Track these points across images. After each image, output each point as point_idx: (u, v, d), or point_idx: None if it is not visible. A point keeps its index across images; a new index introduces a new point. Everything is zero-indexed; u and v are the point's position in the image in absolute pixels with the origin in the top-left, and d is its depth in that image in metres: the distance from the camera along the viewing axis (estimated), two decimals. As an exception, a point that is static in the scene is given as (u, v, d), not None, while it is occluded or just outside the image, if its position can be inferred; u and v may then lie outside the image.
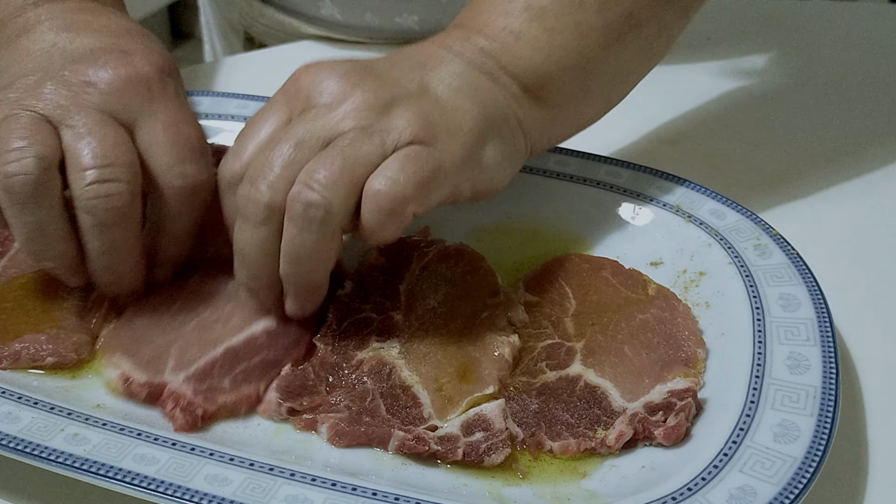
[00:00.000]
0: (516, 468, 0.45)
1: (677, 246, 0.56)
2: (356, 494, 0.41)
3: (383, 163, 0.46)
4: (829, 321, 0.49)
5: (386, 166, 0.45)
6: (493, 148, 0.50)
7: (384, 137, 0.46)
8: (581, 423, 0.46)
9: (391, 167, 0.45)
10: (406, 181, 0.45)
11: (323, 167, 0.44)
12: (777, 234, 0.54)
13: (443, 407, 0.47)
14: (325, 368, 0.48)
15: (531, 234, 0.59)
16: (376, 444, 0.46)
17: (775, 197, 0.65)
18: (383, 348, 0.50)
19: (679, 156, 0.69)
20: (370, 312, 0.51)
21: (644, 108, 0.75)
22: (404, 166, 0.45)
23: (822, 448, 0.42)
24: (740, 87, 0.79)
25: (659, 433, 0.45)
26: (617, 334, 0.51)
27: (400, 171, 0.45)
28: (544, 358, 0.50)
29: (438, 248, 0.56)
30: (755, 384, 0.46)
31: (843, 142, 0.72)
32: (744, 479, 0.41)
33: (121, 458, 0.42)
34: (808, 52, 0.84)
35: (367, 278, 0.53)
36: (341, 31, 0.84)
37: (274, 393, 0.47)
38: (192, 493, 0.41)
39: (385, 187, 0.45)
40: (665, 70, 0.80)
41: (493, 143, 0.50)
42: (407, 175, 0.45)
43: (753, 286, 0.51)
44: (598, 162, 0.61)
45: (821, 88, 0.79)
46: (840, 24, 0.89)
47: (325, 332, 0.50)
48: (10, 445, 0.43)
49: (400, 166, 0.45)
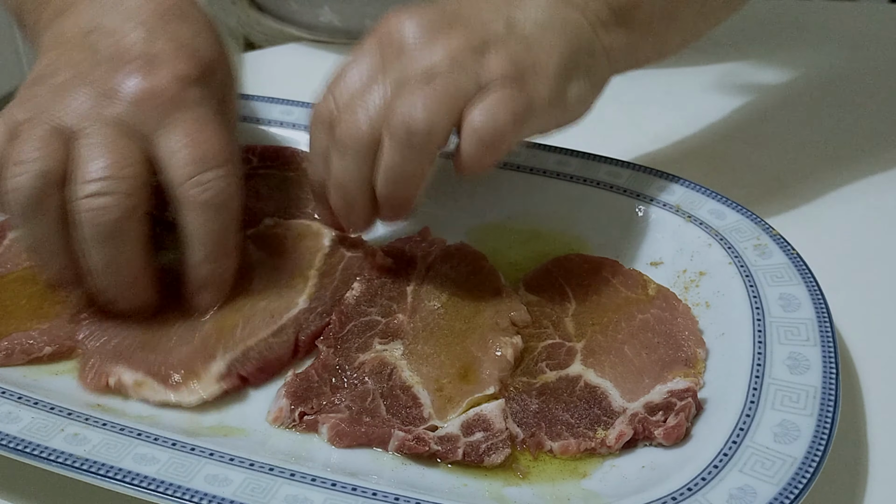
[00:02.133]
0: (516, 468, 0.45)
1: (677, 246, 0.56)
2: (356, 494, 0.41)
3: (481, 98, 0.48)
4: (829, 321, 0.48)
5: (484, 101, 0.48)
6: (578, 83, 0.51)
7: (478, 76, 0.48)
8: (581, 423, 0.46)
9: (489, 102, 0.48)
10: (503, 117, 0.48)
11: (424, 95, 0.47)
12: (777, 234, 0.54)
13: (443, 407, 0.47)
14: (328, 370, 0.48)
15: (531, 234, 0.59)
16: (376, 444, 0.46)
17: (775, 197, 0.65)
18: (387, 350, 0.50)
19: (679, 156, 0.69)
20: (376, 315, 0.51)
21: (644, 108, 0.75)
22: (501, 102, 0.48)
23: (822, 448, 0.42)
24: (740, 87, 0.79)
25: (659, 433, 0.45)
26: (617, 334, 0.51)
27: (498, 107, 0.48)
28: (544, 358, 0.50)
29: (441, 248, 0.56)
30: (755, 384, 0.46)
31: (843, 142, 0.72)
32: (744, 479, 0.41)
33: (121, 458, 0.42)
34: (808, 52, 0.84)
35: (374, 280, 0.53)
36: (340, 37, 0.84)
37: (284, 400, 0.47)
38: (192, 493, 0.41)
39: (485, 121, 0.47)
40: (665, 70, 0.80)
41: (579, 78, 0.51)
42: (504, 111, 0.48)
43: (753, 286, 0.51)
44: (598, 162, 0.61)
45: (821, 88, 0.79)
46: (840, 24, 0.89)
47: (328, 335, 0.50)
48: (10, 445, 0.43)
49: (497, 102, 0.48)
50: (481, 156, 0.48)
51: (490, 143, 0.48)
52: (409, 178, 0.49)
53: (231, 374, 0.48)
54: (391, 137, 0.48)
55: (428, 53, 0.49)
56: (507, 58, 0.49)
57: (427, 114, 0.47)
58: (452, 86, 0.48)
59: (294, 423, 0.47)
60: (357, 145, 0.49)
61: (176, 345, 0.49)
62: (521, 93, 0.48)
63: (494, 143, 0.48)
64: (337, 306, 0.52)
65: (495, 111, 0.48)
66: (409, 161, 0.48)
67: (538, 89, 0.49)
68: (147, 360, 0.48)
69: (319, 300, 0.52)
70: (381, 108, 0.48)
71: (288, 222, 0.58)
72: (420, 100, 0.47)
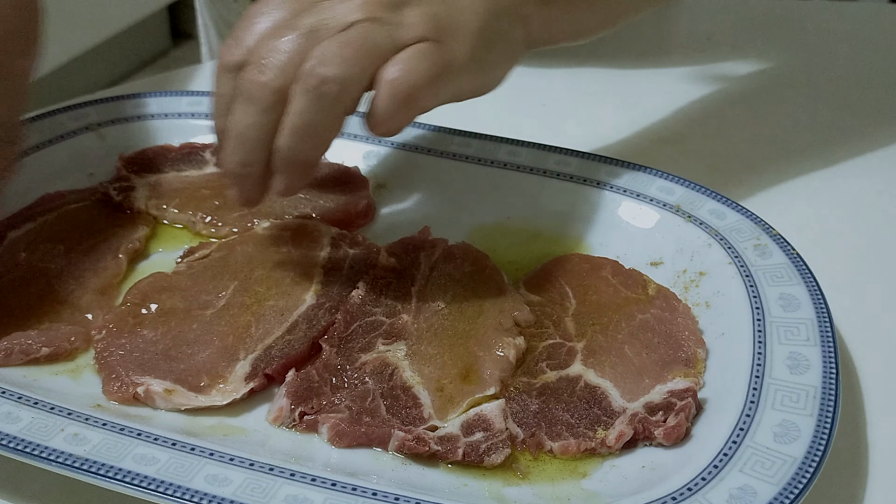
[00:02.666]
0: (516, 468, 0.45)
1: (677, 246, 0.56)
2: (356, 494, 0.41)
3: (397, 54, 0.46)
4: (829, 321, 0.48)
5: (400, 57, 0.46)
6: (496, 49, 0.50)
7: (395, 31, 0.46)
8: (581, 423, 0.46)
9: (405, 58, 0.46)
10: (421, 73, 0.46)
11: (338, 46, 0.45)
12: (777, 234, 0.54)
13: (443, 407, 0.47)
14: (329, 370, 0.48)
15: (531, 234, 0.59)
16: (376, 444, 0.46)
17: (775, 197, 0.65)
18: (389, 350, 0.50)
19: (679, 156, 0.69)
20: (380, 315, 0.51)
21: (644, 108, 0.75)
22: (419, 58, 0.46)
23: (822, 448, 0.42)
24: (740, 87, 0.79)
25: (659, 433, 0.45)
26: (617, 334, 0.51)
27: (415, 62, 0.46)
28: (545, 358, 0.50)
29: (443, 249, 0.56)
30: (755, 384, 0.46)
31: (843, 142, 0.72)
32: (744, 479, 0.41)
33: (121, 458, 0.42)
34: (808, 52, 0.84)
35: (378, 280, 0.53)
36: None
37: (284, 399, 0.47)
38: (192, 493, 0.41)
39: (401, 75, 0.46)
40: (665, 70, 0.80)
41: (497, 44, 0.50)
42: (422, 67, 0.46)
43: (753, 286, 0.51)
44: (598, 162, 0.61)
45: (821, 88, 0.79)
46: (840, 24, 0.89)
47: (332, 335, 0.50)
48: (10, 445, 0.43)
49: (414, 57, 0.46)
50: (395, 112, 0.46)
51: (405, 99, 0.46)
52: (317, 133, 0.46)
53: (257, 373, 0.48)
54: (302, 87, 0.45)
55: (345, 3, 0.47)
56: (427, 14, 0.47)
57: (342, 64, 0.45)
58: (370, 38, 0.46)
59: (294, 422, 0.47)
60: (263, 92, 0.46)
61: (196, 350, 0.49)
62: (440, 50, 0.47)
63: (409, 100, 0.46)
64: (343, 305, 0.52)
65: (412, 66, 0.46)
66: (319, 113, 0.46)
67: (457, 49, 0.48)
68: (172, 368, 0.48)
69: (327, 296, 0.53)
70: (292, 55, 0.46)
71: (287, 222, 0.58)
72: (335, 49, 0.45)
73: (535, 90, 0.78)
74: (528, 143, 0.63)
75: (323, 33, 0.46)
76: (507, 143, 0.63)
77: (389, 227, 0.59)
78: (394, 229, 0.59)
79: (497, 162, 0.62)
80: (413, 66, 0.46)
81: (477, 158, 0.62)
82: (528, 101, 0.77)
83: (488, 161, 0.62)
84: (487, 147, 0.63)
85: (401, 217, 0.61)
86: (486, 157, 0.62)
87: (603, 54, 0.83)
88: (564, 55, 0.82)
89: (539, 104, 0.76)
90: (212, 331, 0.51)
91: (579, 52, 0.82)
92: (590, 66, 0.81)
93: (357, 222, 0.60)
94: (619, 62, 0.82)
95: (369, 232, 0.59)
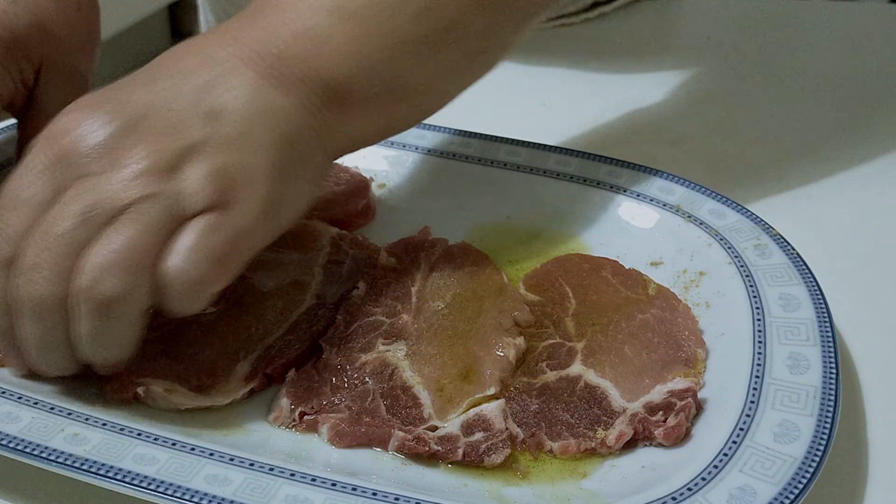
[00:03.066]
0: (516, 468, 0.45)
1: (677, 246, 0.56)
2: (356, 494, 0.41)
3: (178, 240, 0.42)
4: (829, 321, 0.48)
5: (181, 245, 0.42)
6: (296, 180, 0.47)
7: (176, 206, 0.42)
8: (581, 423, 0.46)
9: (186, 247, 0.42)
10: (203, 262, 0.42)
11: (114, 254, 0.41)
12: (777, 234, 0.54)
13: (443, 407, 0.47)
14: (328, 370, 0.48)
15: (531, 233, 0.59)
16: (376, 444, 0.46)
17: (775, 197, 0.65)
18: (389, 350, 0.50)
19: (679, 156, 0.69)
20: (381, 315, 0.51)
21: (644, 108, 0.75)
22: (200, 244, 0.42)
23: (822, 448, 0.42)
24: (740, 87, 0.79)
25: (659, 433, 0.45)
26: (617, 334, 0.51)
27: (196, 251, 0.42)
28: (545, 358, 0.50)
29: (443, 248, 0.56)
30: (755, 384, 0.46)
31: (843, 142, 0.72)
32: (744, 479, 0.41)
33: (121, 458, 0.42)
34: (808, 52, 0.84)
35: (378, 280, 0.53)
36: None
37: (284, 399, 0.47)
38: (192, 493, 0.41)
39: (181, 272, 0.42)
40: (665, 70, 0.80)
41: (296, 173, 0.46)
42: (203, 254, 0.42)
43: (753, 286, 0.51)
44: (598, 162, 0.61)
45: (821, 88, 0.79)
46: (840, 24, 0.89)
47: (332, 335, 0.50)
48: (10, 445, 0.43)
49: (195, 244, 0.42)
50: (184, 306, 0.43)
51: (189, 295, 0.43)
52: (117, 340, 0.43)
53: (257, 373, 0.48)
54: (85, 308, 0.41)
55: (112, 180, 0.42)
56: (211, 172, 0.43)
57: (121, 275, 0.41)
58: (142, 235, 0.41)
59: (294, 422, 0.47)
60: (42, 308, 0.42)
61: (196, 350, 0.49)
62: (227, 222, 0.43)
63: (194, 295, 0.43)
64: (343, 305, 0.52)
65: (192, 257, 0.42)
66: (110, 327, 0.42)
67: (250, 205, 0.44)
68: (172, 368, 0.48)
69: (327, 296, 0.53)
70: (65, 258, 0.41)
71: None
72: (112, 258, 0.41)
73: (535, 90, 0.78)
74: (528, 143, 0.63)
75: (96, 219, 0.41)
76: (507, 143, 0.63)
77: (389, 227, 0.59)
78: (394, 229, 0.59)
79: (497, 162, 0.62)
80: (193, 255, 0.42)
81: (477, 158, 0.62)
82: (528, 101, 0.77)
83: (488, 161, 0.62)
84: (487, 147, 0.63)
85: (401, 217, 0.61)
86: (486, 157, 0.62)
87: (603, 54, 0.83)
88: (564, 55, 0.82)
89: (539, 104, 0.76)
90: (212, 331, 0.50)
91: (579, 52, 0.82)
92: (590, 66, 0.81)
93: (357, 222, 0.60)
94: (619, 62, 0.82)
95: (369, 232, 0.59)
